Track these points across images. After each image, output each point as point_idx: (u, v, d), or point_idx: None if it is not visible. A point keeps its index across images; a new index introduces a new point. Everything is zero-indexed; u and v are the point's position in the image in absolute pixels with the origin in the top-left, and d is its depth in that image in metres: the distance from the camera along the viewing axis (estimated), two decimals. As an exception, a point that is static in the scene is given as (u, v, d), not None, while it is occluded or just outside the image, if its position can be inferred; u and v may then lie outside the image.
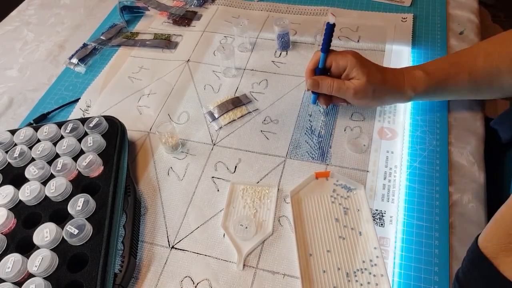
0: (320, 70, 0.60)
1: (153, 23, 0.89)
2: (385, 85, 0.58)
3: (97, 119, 0.62)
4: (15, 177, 0.58)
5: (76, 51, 0.83)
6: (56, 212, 0.54)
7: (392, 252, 0.51)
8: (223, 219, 0.55)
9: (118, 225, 0.53)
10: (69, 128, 0.62)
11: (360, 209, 0.54)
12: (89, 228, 0.51)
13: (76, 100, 0.75)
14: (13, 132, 0.63)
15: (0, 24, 0.97)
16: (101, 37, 0.86)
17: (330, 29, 0.56)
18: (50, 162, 0.58)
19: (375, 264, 0.49)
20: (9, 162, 0.59)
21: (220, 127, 0.67)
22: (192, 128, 0.67)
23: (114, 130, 0.62)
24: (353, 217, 0.54)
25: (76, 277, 0.47)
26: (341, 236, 0.52)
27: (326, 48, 0.57)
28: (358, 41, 0.77)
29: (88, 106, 0.73)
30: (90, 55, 0.83)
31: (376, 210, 0.55)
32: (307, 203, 0.56)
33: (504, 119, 0.63)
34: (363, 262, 0.50)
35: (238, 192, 0.58)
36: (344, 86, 0.58)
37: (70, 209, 0.52)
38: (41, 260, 0.48)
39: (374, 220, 0.53)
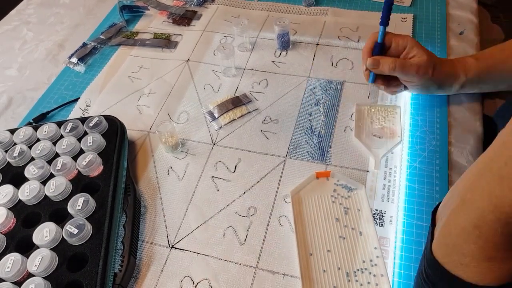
0: (379, 46, 0.58)
1: (152, 23, 0.89)
2: (442, 65, 0.59)
3: (97, 118, 0.62)
4: (15, 176, 0.58)
5: (76, 51, 0.83)
6: (55, 211, 0.54)
7: (392, 252, 0.51)
8: (356, 131, 0.62)
9: (118, 225, 0.53)
10: (68, 128, 0.62)
11: (361, 209, 0.54)
12: (88, 227, 0.51)
13: (76, 100, 0.75)
14: (12, 131, 0.63)
15: (-1, 23, 0.97)
16: (101, 37, 0.86)
17: (389, 2, 0.55)
18: (49, 162, 0.58)
19: (375, 264, 0.49)
20: (8, 162, 0.59)
21: (220, 127, 0.67)
22: (192, 128, 0.67)
23: (114, 129, 0.62)
24: (354, 217, 0.54)
25: (76, 277, 0.47)
26: (342, 236, 0.52)
27: (385, 20, 0.56)
28: (358, 41, 0.77)
29: (88, 106, 0.73)
30: (90, 54, 0.83)
31: (376, 210, 0.55)
32: (308, 202, 0.56)
33: (502, 112, 0.63)
34: (363, 262, 0.50)
35: (364, 112, 0.65)
36: (407, 63, 0.57)
37: (69, 209, 0.52)
38: (41, 259, 0.47)
39: (374, 220, 0.53)
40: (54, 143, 0.60)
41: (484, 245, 0.34)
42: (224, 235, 0.54)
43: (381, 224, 0.53)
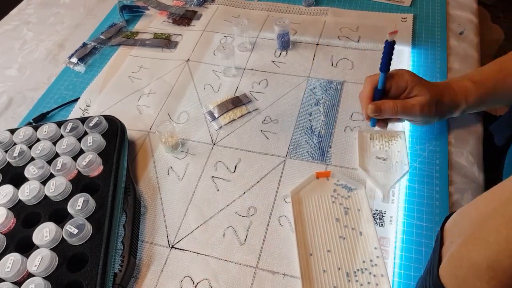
0: (380, 92, 0.55)
1: (152, 23, 0.89)
2: (444, 99, 0.56)
3: (97, 118, 0.62)
4: (15, 176, 0.58)
5: (76, 51, 0.83)
6: (55, 211, 0.54)
7: (392, 252, 0.51)
8: (360, 161, 0.59)
9: (118, 225, 0.53)
10: (68, 128, 0.62)
11: (361, 209, 0.54)
12: (88, 227, 0.51)
13: (76, 100, 0.75)
14: (12, 131, 0.63)
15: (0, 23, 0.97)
16: (101, 37, 0.86)
17: (390, 47, 0.52)
18: (49, 162, 0.58)
19: (375, 264, 0.49)
20: (8, 162, 0.59)
21: (220, 127, 0.67)
22: (192, 128, 0.67)
23: (114, 129, 0.62)
24: (354, 217, 0.54)
25: (76, 277, 0.47)
26: (342, 236, 0.52)
27: (386, 67, 0.53)
28: (358, 41, 0.77)
29: (88, 106, 0.73)
30: (90, 54, 0.83)
31: (376, 210, 0.55)
32: (308, 202, 0.56)
33: (500, 124, 0.62)
34: (363, 262, 0.50)
35: (366, 138, 0.62)
36: (409, 104, 0.55)
37: (69, 209, 0.52)
38: (41, 259, 0.47)
39: (374, 220, 0.53)
40: (54, 143, 0.60)
41: (497, 286, 0.33)
42: (224, 235, 0.54)
43: (381, 224, 0.53)
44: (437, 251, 0.42)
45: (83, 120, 0.63)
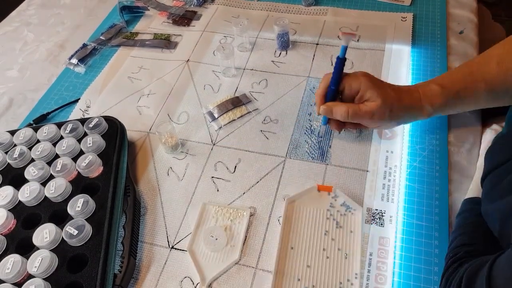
0: (332, 92, 0.55)
1: (152, 23, 0.89)
2: (401, 103, 0.54)
3: (97, 119, 0.62)
4: (15, 177, 0.58)
5: (76, 51, 0.83)
6: (55, 212, 0.54)
7: (392, 252, 0.51)
8: (190, 242, 0.53)
9: (117, 226, 0.53)
10: (68, 129, 0.62)
11: (354, 231, 0.53)
12: (88, 228, 0.51)
13: (76, 101, 0.75)
14: (12, 132, 0.63)
15: (0, 25, 0.97)
16: (101, 37, 0.86)
17: (340, 64, 0.53)
18: (49, 163, 0.58)
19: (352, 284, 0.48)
20: (8, 163, 0.59)
21: (220, 127, 0.67)
22: (191, 128, 0.67)
23: (113, 130, 0.62)
24: (344, 237, 0.52)
25: (76, 278, 0.47)
26: (327, 255, 0.51)
27: (337, 82, 0.54)
28: (358, 40, 0.77)
29: (88, 107, 0.73)
30: (90, 55, 0.83)
31: (376, 209, 0.55)
32: (301, 213, 0.54)
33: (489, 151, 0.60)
34: (340, 283, 0.49)
35: (210, 212, 0.56)
36: (360, 111, 0.54)
37: (69, 210, 0.52)
38: (41, 260, 0.48)
39: (374, 219, 0.53)
40: (54, 144, 0.60)
41: None
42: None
43: (381, 224, 0.53)
44: None
45: (83, 121, 0.63)
